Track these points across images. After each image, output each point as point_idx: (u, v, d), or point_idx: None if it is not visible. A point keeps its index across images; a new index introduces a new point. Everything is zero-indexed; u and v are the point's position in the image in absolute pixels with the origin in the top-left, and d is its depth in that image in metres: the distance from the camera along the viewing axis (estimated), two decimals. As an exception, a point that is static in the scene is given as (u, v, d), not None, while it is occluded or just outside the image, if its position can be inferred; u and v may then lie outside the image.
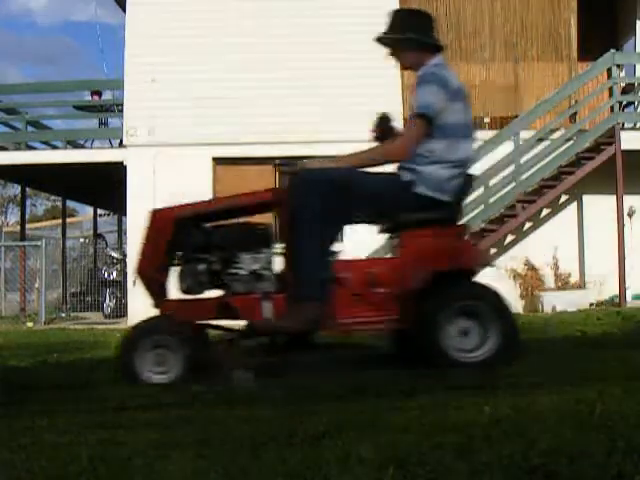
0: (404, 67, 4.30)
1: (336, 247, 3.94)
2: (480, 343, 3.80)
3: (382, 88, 12.41)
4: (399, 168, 4.04)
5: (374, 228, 4.30)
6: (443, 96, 3.88)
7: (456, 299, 3.85)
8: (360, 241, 12.09)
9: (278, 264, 4.01)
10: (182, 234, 3.93)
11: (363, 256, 12.14)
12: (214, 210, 4.18)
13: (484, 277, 4.02)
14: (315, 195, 3.76)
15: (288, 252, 3.94)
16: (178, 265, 3.99)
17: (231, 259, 3.94)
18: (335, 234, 3.94)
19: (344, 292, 3.87)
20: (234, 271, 3.93)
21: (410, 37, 4.09)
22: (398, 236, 4.09)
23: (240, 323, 3.93)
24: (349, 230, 4.25)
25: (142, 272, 4.00)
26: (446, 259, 3.93)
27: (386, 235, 4.46)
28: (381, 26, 4.27)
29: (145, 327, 3.96)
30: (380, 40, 4.25)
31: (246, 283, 3.92)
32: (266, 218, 4.39)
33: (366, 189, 3.93)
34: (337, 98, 12.29)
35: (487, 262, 4.22)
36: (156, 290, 4.03)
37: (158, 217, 4.05)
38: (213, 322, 4.11)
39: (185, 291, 3.96)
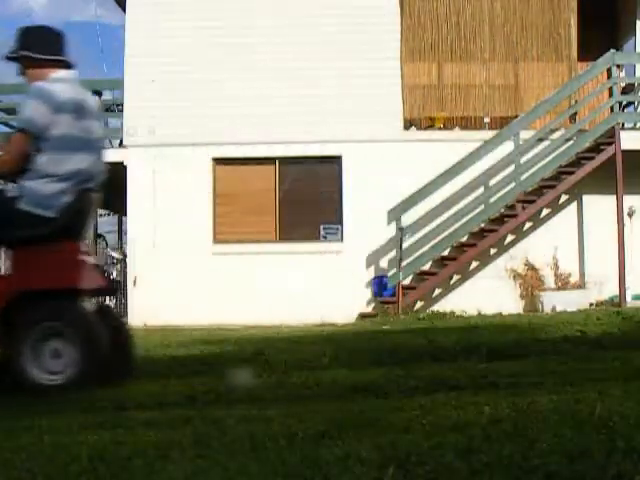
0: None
1: None
2: (66, 366, 3.69)
3: (382, 88, 12.41)
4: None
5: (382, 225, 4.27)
6: (46, 110, 3.81)
7: (36, 320, 3.70)
8: (363, 239, 12.10)
9: None
10: None
11: (366, 254, 12.17)
12: None
13: (484, 278, 4.01)
14: None
15: None
16: None
17: None
18: None
19: None
20: None
21: (25, 55, 4.00)
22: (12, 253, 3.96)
23: None
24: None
25: None
26: (37, 278, 3.76)
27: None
28: (382, 26, 4.26)
29: None
30: (7, 58, 4.12)
31: None
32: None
33: None
34: (337, 98, 12.29)
35: (102, 284, 4.04)
36: None
37: None
38: None
39: None
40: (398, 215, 11.44)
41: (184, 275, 11.99)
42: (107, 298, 3.51)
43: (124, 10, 13.29)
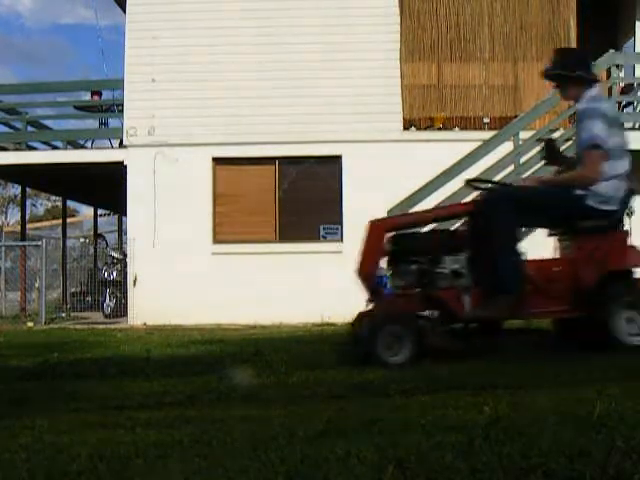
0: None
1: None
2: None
3: (382, 88, 12.41)
4: None
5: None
6: (605, 126, 4.57)
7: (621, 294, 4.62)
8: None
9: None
10: None
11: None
12: None
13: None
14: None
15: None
16: None
17: None
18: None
19: None
20: None
21: (578, 75, 4.75)
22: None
23: None
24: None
25: None
26: (617, 261, 4.67)
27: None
28: (382, 26, 4.31)
29: None
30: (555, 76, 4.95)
31: None
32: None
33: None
34: (337, 98, 12.29)
35: None
36: None
37: None
38: None
39: None
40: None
41: (184, 275, 11.99)
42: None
43: (124, 10, 13.28)
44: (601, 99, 4.84)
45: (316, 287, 11.87)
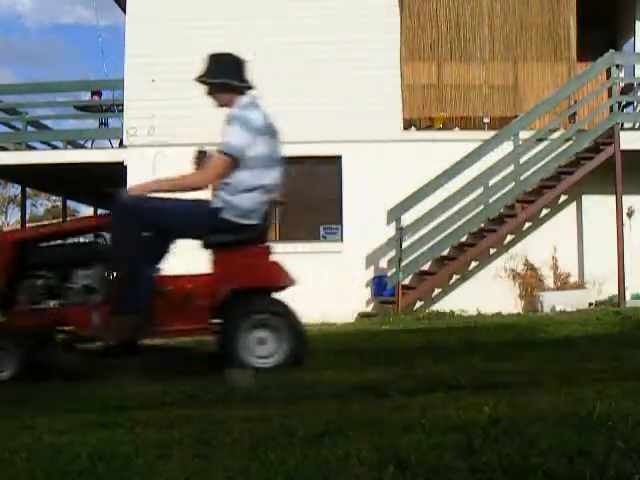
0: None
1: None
2: (272, 351, 4.32)
3: (382, 88, 12.41)
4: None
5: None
6: (247, 135, 4.39)
7: (248, 313, 4.36)
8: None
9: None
10: None
11: (366, 253, 12.18)
12: None
13: (484, 278, 4.00)
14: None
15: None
16: None
17: None
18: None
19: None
20: None
21: (224, 82, 4.72)
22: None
23: None
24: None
25: None
26: (248, 278, 4.44)
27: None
28: (382, 26, 4.32)
29: None
30: (204, 83, 4.83)
31: None
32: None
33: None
34: (337, 98, 12.29)
35: (290, 281, 4.76)
36: None
37: None
38: None
39: None
40: (398, 215, 11.43)
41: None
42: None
43: (124, 10, 13.28)
44: (250, 107, 4.59)
45: (316, 287, 11.87)
